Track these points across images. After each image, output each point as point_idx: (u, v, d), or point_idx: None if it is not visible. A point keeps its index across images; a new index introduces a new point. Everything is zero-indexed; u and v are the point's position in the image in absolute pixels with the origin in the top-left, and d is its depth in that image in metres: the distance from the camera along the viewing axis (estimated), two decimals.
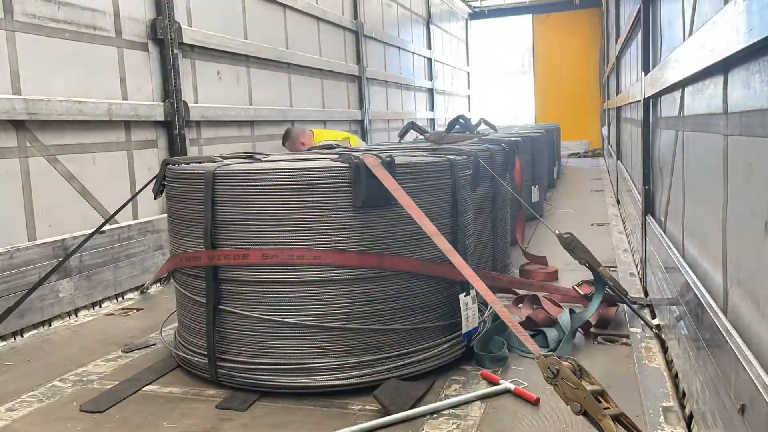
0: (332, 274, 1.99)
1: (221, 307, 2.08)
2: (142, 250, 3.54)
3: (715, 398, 1.41)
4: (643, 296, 2.96)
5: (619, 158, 6.62)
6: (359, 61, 7.47)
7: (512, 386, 1.98)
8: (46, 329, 2.90)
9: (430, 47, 11.22)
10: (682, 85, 2.09)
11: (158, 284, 3.61)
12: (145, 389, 2.13)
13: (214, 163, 2.32)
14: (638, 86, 3.58)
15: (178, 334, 2.40)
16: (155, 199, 2.49)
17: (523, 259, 3.65)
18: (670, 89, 2.39)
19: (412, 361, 2.07)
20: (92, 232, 2.84)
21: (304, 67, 5.92)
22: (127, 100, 3.59)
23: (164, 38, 3.85)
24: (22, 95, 2.91)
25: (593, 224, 4.90)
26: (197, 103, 4.26)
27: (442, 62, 12.36)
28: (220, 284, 2.08)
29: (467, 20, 15.52)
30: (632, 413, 1.69)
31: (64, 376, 2.29)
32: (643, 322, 2.56)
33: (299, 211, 1.99)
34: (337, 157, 2.20)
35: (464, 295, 2.20)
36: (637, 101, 3.80)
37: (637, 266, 3.54)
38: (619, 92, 6.64)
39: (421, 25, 10.92)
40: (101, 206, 3.39)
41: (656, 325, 2.50)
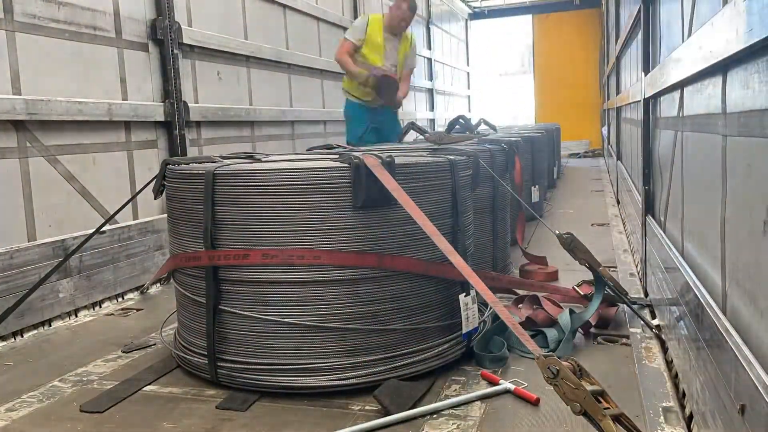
0: (332, 274, 1.99)
1: (221, 307, 2.08)
2: (142, 250, 3.54)
3: (715, 398, 1.41)
4: (643, 296, 2.96)
5: (619, 158, 6.62)
6: None
7: (512, 386, 1.98)
8: (46, 329, 2.90)
9: (430, 47, 11.22)
10: (681, 85, 2.09)
11: (158, 284, 3.61)
12: (145, 389, 2.14)
13: (214, 163, 2.33)
14: (638, 86, 3.58)
15: (178, 334, 2.40)
16: (155, 199, 2.49)
17: (523, 259, 3.65)
18: (669, 89, 2.39)
19: (412, 361, 2.07)
20: (92, 232, 2.84)
21: (304, 67, 5.92)
22: (127, 100, 3.59)
23: (164, 38, 3.85)
24: (22, 95, 2.91)
25: (593, 224, 4.90)
26: (197, 103, 4.26)
27: (442, 62, 12.37)
28: (220, 284, 2.08)
29: (467, 20, 15.52)
30: (632, 413, 1.69)
31: (64, 376, 2.29)
32: (643, 322, 2.56)
33: (299, 211, 1.99)
34: (337, 157, 2.20)
35: (464, 295, 2.20)
36: (637, 101, 3.81)
37: (637, 266, 3.54)
38: (619, 92, 6.64)
39: (421, 25, 10.91)
40: (101, 206, 3.40)
41: (656, 325, 2.50)
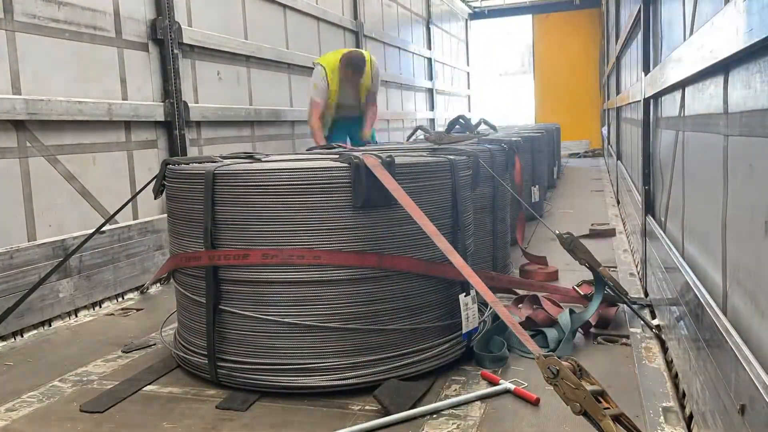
0: (332, 274, 1.99)
1: (221, 307, 2.08)
2: (142, 250, 3.54)
3: (715, 398, 1.41)
4: (643, 296, 2.96)
5: (619, 158, 6.62)
6: None
7: (512, 386, 1.98)
8: (46, 329, 2.90)
9: (430, 47, 11.22)
10: (682, 85, 2.09)
11: (158, 284, 3.61)
12: (145, 389, 2.13)
13: (214, 163, 2.33)
14: (638, 86, 3.57)
15: (178, 334, 2.40)
16: (155, 199, 2.49)
17: (523, 259, 3.65)
18: (670, 89, 2.39)
19: (412, 361, 2.07)
20: (92, 232, 2.84)
21: (304, 67, 5.91)
22: (127, 100, 3.59)
23: (164, 38, 3.84)
24: (22, 95, 2.91)
25: (593, 224, 4.90)
26: (197, 103, 4.26)
27: (442, 62, 12.36)
28: (220, 284, 2.08)
29: (467, 20, 15.51)
30: (632, 413, 1.69)
31: (64, 376, 2.29)
32: (643, 322, 2.56)
33: (299, 211, 1.99)
34: (337, 157, 2.20)
35: (464, 295, 2.20)
36: (637, 101, 3.80)
37: (637, 266, 3.54)
38: (619, 92, 6.64)
39: (421, 25, 10.91)
40: (101, 206, 3.39)
41: (656, 325, 2.50)
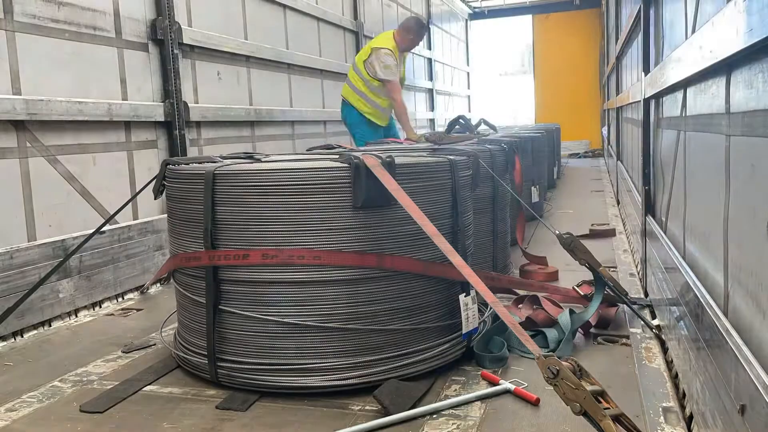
0: (332, 274, 1.99)
1: (221, 307, 2.08)
2: (142, 250, 3.54)
3: (715, 399, 1.40)
4: (643, 296, 2.96)
5: (619, 158, 6.62)
6: None
7: (512, 386, 1.98)
8: (46, 329, 2.89)
9: (430, 47, 11.21)
10: (683, 85, 2.09)
11: (158, 284, 3.61)
12: (145, 389, 2.13)
13: (214, 163, 2.32)
14: (638, 86, 3.57)
15: (178, 334, 2.40)
16: (155, 199, 2.49)
17: (523, 259, 3.65)
18: (671, 89, 2.39)
19: (412, 361, 2.07)
20: (92, 232, 2.84)
21: (304, 67, 5.92)
22: (127, 100, 3.59)
23: (164, 38, 3.84)
24: (22, 95, 2.90)
25: (593, 224, 4.90)
26: (197, 103, 4.26)
27: (442, 62, 12.36)
28: (220, 284, 2.08)
29: (467, 20, 15.51)
30: (632, 413, 1.69)
31: (64, 376, 2.29)
32: (643, 322, 2.56)
33: (299, 211, 1.99)
34: (337, 157, 2.20)
35: (464, 295, 2.19)
36: (637, 101, 3.80)
37: (637, 266, 3.54)
38: (619, 92, 6.64)
39: None
40: (101, 206, 3.39)
41: (656, 325, 2.50)
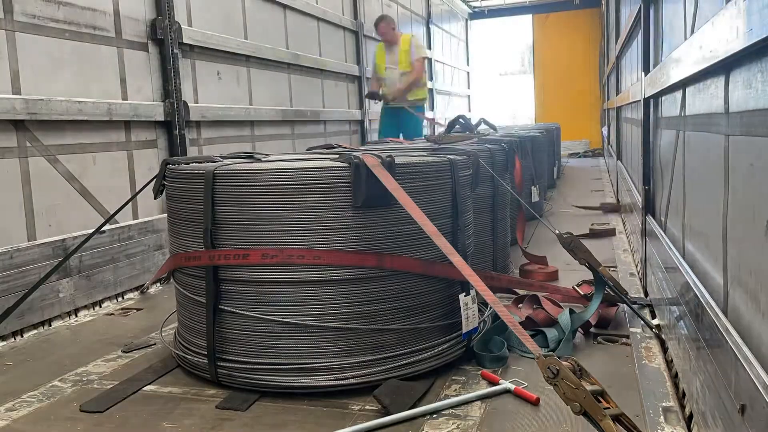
0: (332, 274, 1.99)
1: (221, 307, 2.08)
2: (142, 250, 3.54)
3: (715, 398, 1.41)
4: (643, 296, 2.96)
5: (619, 158, 6.62)
6: (359, 61, 7.46)
7: (512, 386, 1.98)
8: (46, 329, 2.89)
9: (430, 47, 11.21)
10: (683, 84, 2.09)
11: (158, 284, 3.61)
12: (145, 389, 2.13)
13: (214, 163, 2.32)
14: (638, 86, 3.57)
15: (178, 334, 2.40)
16: (155, 198, 2.49)
17: (523, 259, 3.65)
18: (670, 89, 2.39)
19: (412, 361, 2.07)
20: (92, 232, 2.84)
21: (304, 67, 5.92)
22: (127, 100, 3.59)
23: (164, 38, 3.84)
24: (22, 95, 2.91)
25: (593, 224, 4.90)
26: (197, 103, 4.26)
27: (442, 62, 12.36)
28: (220, 284, 2.08)
29: (467, 20, 15.51)
30: (632, 413, 1.69)
31: (64, 376, 2.29)
32: (643, 322, 2.56)
33: (299, 211, 1.99)
34: (337, 157, 2.20)
35: (464, 295, 2.19)
36: (637, 101, 3.80)
37: (637, 266, 3.54)
38: (619, 92, 6.64)
39: (421, 25, 10.91)
40: (101, 206, 3.39)
41: (656, 325, 2.50)
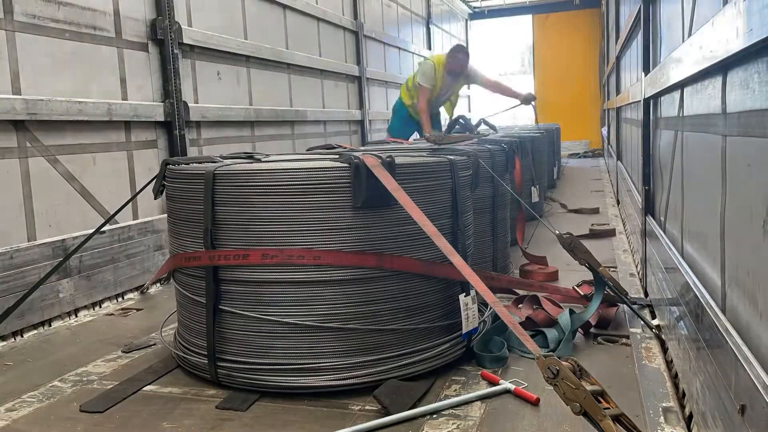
0: (332, 274, 1.99)
1: (221, 307, 2.08)
2: (142, 250, 3.54)
3: (715, 398, 1.41)
4: (643, 296, 2.96)
5: (619, 158, 6.62)
6: (359, 61, 7.46)
7: (512, 386, 1.98)
8: (46, 329, 2.90)
9: (430, 47, 11.22)
10: (681, 85, 2.09)
11: (158, 284, 3.61)
12: (145, 389, 2.14)
13: (214, 163, 2.33)
14: (638, 86, 3.57)
15: (178, 334, 2.40)
16: (155, 199, 2.49)
17: (523, 259, 3.65)
18: (669, 89, 2.39)
19: (412, 361, 2.07)
20: (92, 232, 2.84)
21: (304, 67, 5.92)
22: (127, 100, 3.59)
23: (164, 38, 3.85)
24: (22, 95, 2.91)
25: (593, 224, 4.90)
26: (197, 103, 4.26)
27: None
28: (220, 284, 2.08)
29: (467, 20, 15.51)
30: (632, 413, 1.69)
31: (64, 376, 2.29)
32: (643, 322, 2.56)
33: (299, 211, 1.99)
34: (337, 157, 2.20)
35: (464, 295, 2.20)
36: (637, 101, 3.80)
37: (637, 266, 3.54)
38: (619, 92, 6.64)
39: (421, 25, 10.91)
40: (101, 206, 3.40)
41: (656, 325, 2.50)
